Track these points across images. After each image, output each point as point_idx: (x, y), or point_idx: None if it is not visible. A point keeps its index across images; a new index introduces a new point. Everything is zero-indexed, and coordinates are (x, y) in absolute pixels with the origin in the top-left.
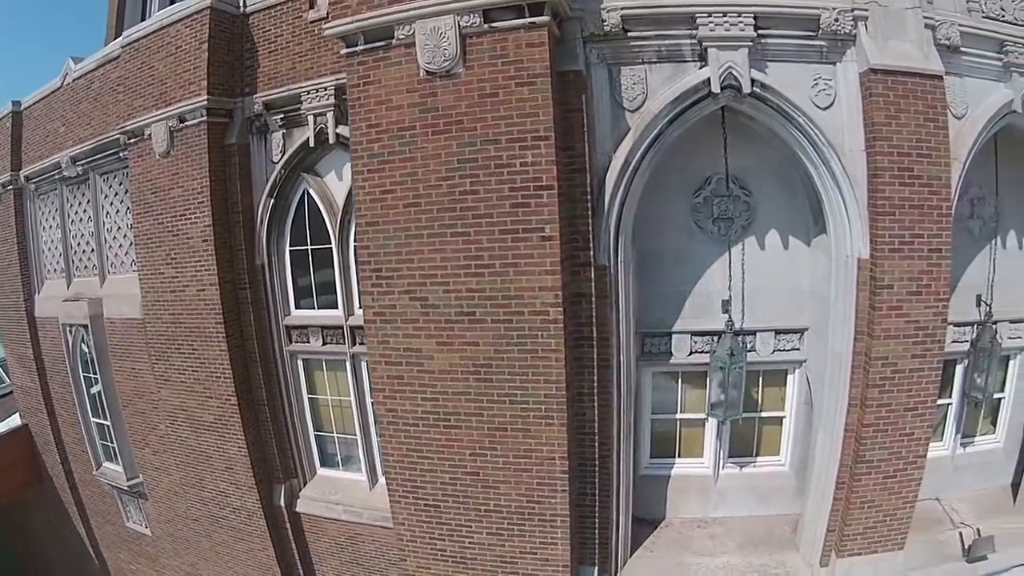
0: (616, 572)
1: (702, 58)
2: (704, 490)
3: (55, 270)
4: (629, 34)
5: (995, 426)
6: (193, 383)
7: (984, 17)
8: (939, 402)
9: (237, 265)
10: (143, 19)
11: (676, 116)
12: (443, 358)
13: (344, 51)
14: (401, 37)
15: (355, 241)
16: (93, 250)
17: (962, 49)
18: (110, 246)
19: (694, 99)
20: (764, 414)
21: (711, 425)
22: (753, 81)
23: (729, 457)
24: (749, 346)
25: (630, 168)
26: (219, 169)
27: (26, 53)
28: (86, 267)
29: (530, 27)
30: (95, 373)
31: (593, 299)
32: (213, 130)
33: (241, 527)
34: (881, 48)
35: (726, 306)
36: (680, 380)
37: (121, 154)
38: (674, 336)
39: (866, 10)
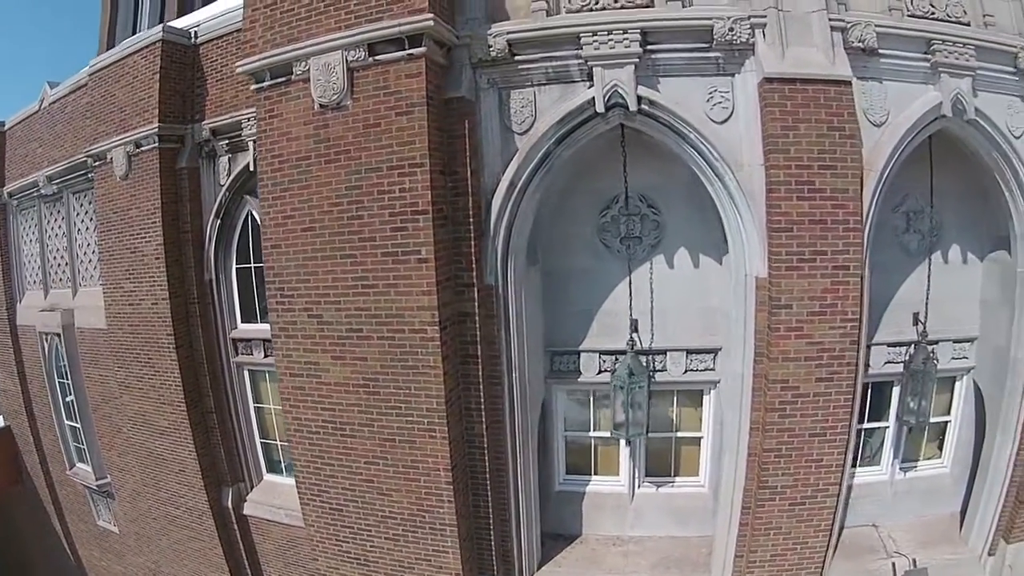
0: None
1: (590, 77)
2: (620, 508)
3: (34, 281)
4: (516, 58)
5: (941, 451)
6: (149, 390)
7: (908, 16)
8: (875, 426)
9: (187, 281)
10: (134, 33)
11: (563, 136)
12: (337, 371)
13: (253, 87)
14: (298, 73)
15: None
16: (67, 264)
17: (881, 51)
18: (81, 260)
19: (580, 119)
20: (680, 434)
21: (624, 444)
22: (640, 99)
23: (646, 476)
24: (660, 366)
25: (516, 189)
26: (170, 191)
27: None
28: (61, 279)
29: (408, 59)
30: (68, 379)
31: (477, 318)
32: (164, 155)
33: (193, 526)
34: (780, 56)
35: (636, 325)
36: (592, 398)
37: (89, 175)
38: (582, 355)
39: (764, 16)
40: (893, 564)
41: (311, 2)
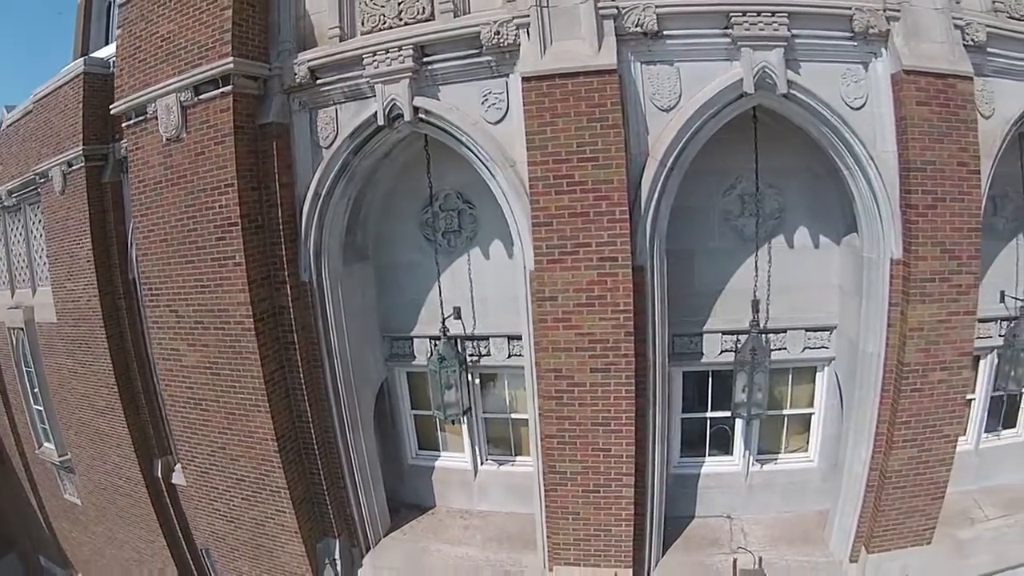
0: (367, 549)
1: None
2: (465, 484)
3: (3, 282)
4: (319, 81)
5: (808, 444)
6: (90, 375)
7: None
8: (720, 415)
9: (115, 280)
10: (107, 43)
11: (359, 148)
12: (192, 356)
13: (123, 124)
14: (151, 112)
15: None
16: (27, 266)
17: (666, 33)
18: (38, 264)
19: (369, 131)
20: (516, 416)
21: (465, 423)
22: (416, 109)
23: (489, 454)
24: (485, 351)
25: (322, 197)
26: (97, 203)
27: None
28: (23, 280)
29: (221, 96)
30: (32, 367)
31: (293, 311)
32: (90, 172)
33: (132, 495)
34: (541, 53)
35: (459, 313)
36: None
37: (38, 190)
38: (415, 340)
39: (527, 16)
40: (734, 560)
41: (157, 53)
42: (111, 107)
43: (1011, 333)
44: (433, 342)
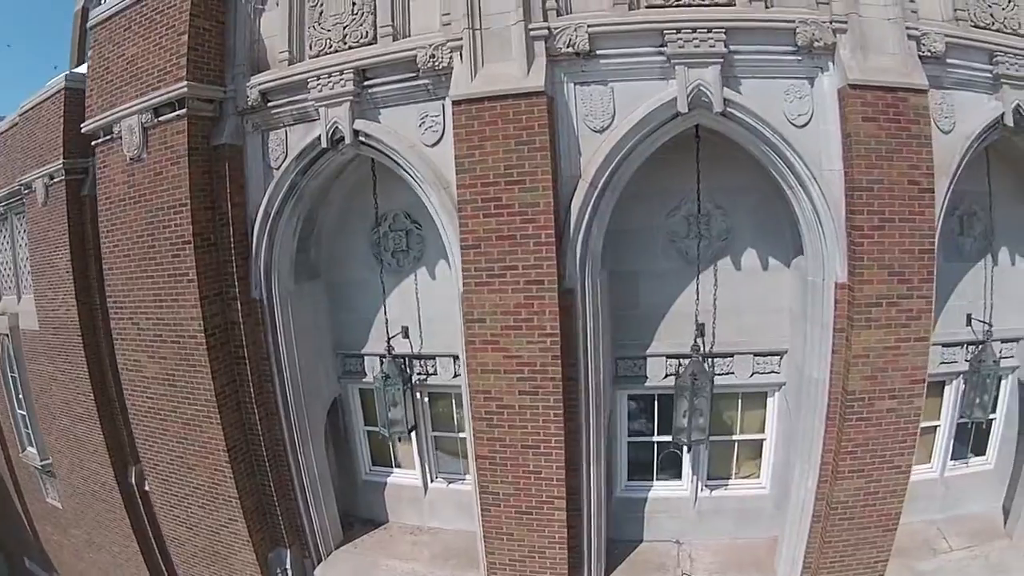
0: (319, 560)
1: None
2: (416, 500)
3: None
4: (269, 104)
5: (760, 470)
6: (69, 382)
7: (629, 9)
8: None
9: (92, 291)
10: None
11: (306, 168)
12: (152, 367)
13: (93, 143)
14: (116, 132)
15: None
16: (13, 274)
17: (600, 53)
18: (23, 272)
19: (315, 153)
20: (462, 435)
21: (415, 441)
22: (357, 132)
23: (439, 472)
24: (432, 370)
25: (271, 217)
26: (76, 215)
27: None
28: (9, 288)
29: (177, 118)
30: (16, 373)
31: (244, 327)
32: (70, 185)
33: (107, 500)
34: (471, 76)
35: (406, 332)
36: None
37: (23, 200)
38: (366, 357)
39: (460, 39)
40: None
41: (122, 75)
42: (81, 126)
43: (976, 359)
44: (383, 361)
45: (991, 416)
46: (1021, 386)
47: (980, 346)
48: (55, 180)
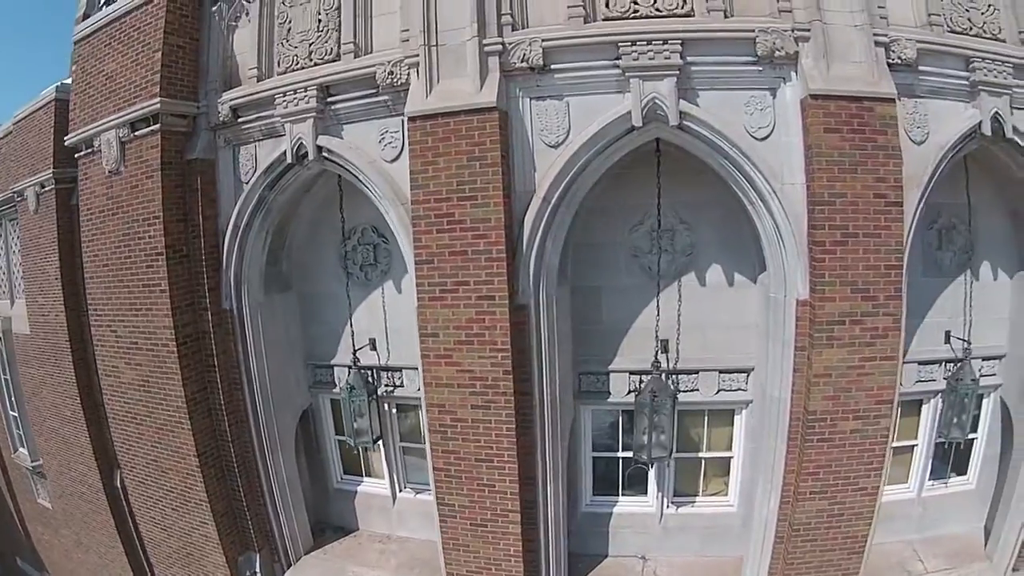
0: (288, 565)
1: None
2: (385, 509)
3: None
4: (240, 119)
5: (728, 488)
6: (57, 385)
7: (584, 23)
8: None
9: (79, 297)
10: None
11: (273, 183)
12: (128, 373)
13: (76, 155)
14: (96, 146)
15: None
16: (6, 278)
17: (554, 67)
18: (16, 276)
19: (281, 168)
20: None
21: (383, 451)
22: (320, 148)
23: (408, 482)
24: (399, 381)
25: (241, 229)
26: (65, 223)
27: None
28: (3, 292)
29: (151, 133)
30: (8, 375)
31: (214, 336)
32: (60, 194)
33: (94, 502)
34: (426, 92)
35: (374, 344)
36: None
37: (15, 207)
38: (335, 368)
39: (417, 55)
40: None
41: (102, 90)
42: (65, 139)
43: (954, 377)
44: (349, 371)
45: (972, 436)
46: (1004, 405)
47: (958, 364)
48: (46, 189)
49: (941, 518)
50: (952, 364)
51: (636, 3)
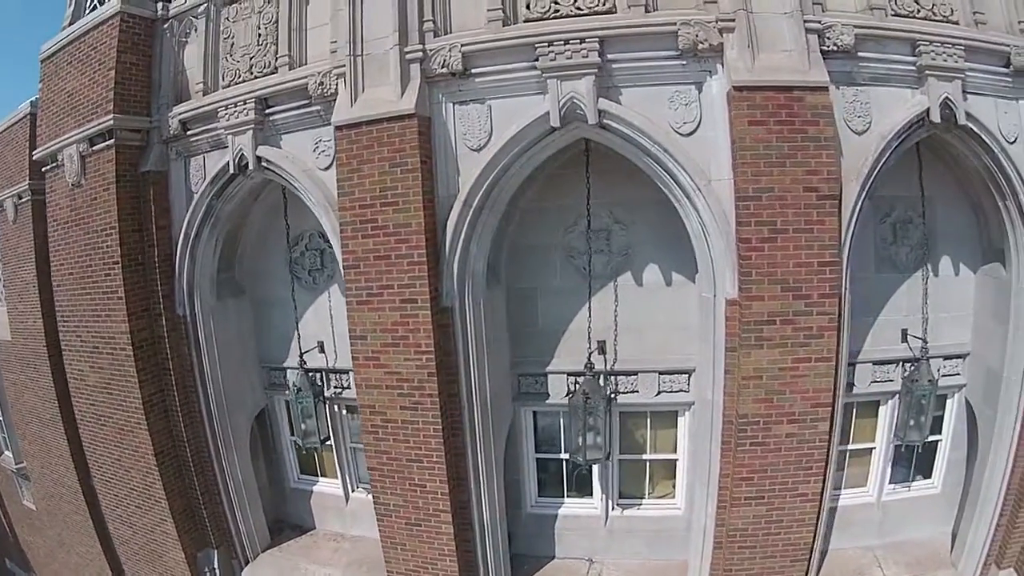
0: (246, 562)
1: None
2: (339, 509)
3: None
4: (188, 132)
5: (675, 491)
6: (37, 389)
7: (503, 25)
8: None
9: (55, 304)
10: None
11: (219, 193)
12: (92, 376)
13: (43, 168)
14: (60, 160)
15: None
16: None
17: (474, 71)
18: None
19: (226, 178)
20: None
21: (335, 452)
22: (259, 158)
23: (360, 482)
24: (346, 384)
25: (191, 238)
26: (42, 233)
27: None
28: None
29: (107, 148)
30: None
31: (168, 341)
32: (36, 205)
33: (73, 503)
34: (353, 101)
35: (322, 347)
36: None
37: None
38: (288, 371)
39: (343, 66)
40: None
41: (64, 106)
42: (32, 153)
43: (910, 378)
44: (298, 374)
45: (935, 438)
46: (968, 405)
47: (915, 364)
48: (23, 200)
49: (904, 523)
50: (910, 364)
51: (557, 3)
